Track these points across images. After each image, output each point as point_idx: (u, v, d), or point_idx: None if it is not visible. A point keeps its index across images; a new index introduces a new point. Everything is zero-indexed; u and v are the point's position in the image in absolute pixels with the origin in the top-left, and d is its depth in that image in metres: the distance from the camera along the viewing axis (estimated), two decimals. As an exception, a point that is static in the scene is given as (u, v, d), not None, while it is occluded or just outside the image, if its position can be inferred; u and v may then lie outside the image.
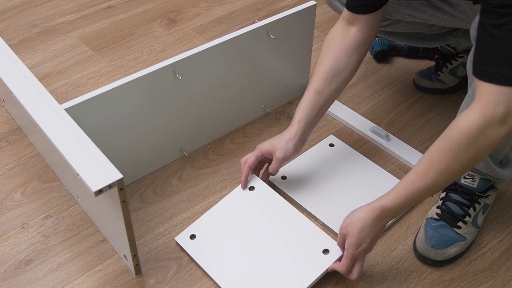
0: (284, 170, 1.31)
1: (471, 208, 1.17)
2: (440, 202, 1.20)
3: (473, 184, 1.16)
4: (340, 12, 1.35)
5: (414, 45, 1.45)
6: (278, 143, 1.19)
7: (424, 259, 1.15)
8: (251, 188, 1.23)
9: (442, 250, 1.14)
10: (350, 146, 1.39)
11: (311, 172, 1.31)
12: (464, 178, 1.16)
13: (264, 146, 1.20)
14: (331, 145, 1.38)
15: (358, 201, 1.25)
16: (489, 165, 1.11)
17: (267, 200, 1.22)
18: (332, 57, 1.19)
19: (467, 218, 1.17)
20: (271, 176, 1.27)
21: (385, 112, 1.50)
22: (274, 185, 1.29)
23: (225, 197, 1.23)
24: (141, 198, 1.29)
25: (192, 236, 1.18)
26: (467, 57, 1.48)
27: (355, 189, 1.28)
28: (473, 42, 0.97)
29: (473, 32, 0.98)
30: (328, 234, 1.16)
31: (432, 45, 1.43)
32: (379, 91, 1.57)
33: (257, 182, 1.24)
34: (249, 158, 1.21)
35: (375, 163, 1.35)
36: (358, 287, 1.12)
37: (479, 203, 1.18)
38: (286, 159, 1.19)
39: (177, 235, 1.19)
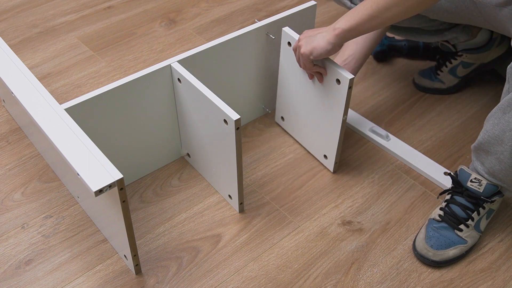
0: None
1: (475, 212, 1.16)
2: (444, 204, 1.19)
3: (479, 189, 1.14)
4: (345, 6, 1.36)
5: (412, 39, 1.45)
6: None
7: (422, 258, 1.15)
8: None
9: (441, 251, 1.14)
10: (350, 146, 1.39)
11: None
12: (471, 181, 1.14)
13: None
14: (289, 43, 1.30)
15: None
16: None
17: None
18: None
19: (469, 222, 1.16)
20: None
21: (385, 112, 1.50)
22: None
23: None
24: (141, 198, 1.29)
25: None
26: (466, 56, 1.48)
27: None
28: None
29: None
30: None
31: (430, 40, 1.43)
32: (379, 91, 1.57)
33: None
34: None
35: (375, 163, 1.35)
36: (358, 287, 1.12)
37: (483, 208, 1.16)
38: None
39: (174, 235, 1.19)
